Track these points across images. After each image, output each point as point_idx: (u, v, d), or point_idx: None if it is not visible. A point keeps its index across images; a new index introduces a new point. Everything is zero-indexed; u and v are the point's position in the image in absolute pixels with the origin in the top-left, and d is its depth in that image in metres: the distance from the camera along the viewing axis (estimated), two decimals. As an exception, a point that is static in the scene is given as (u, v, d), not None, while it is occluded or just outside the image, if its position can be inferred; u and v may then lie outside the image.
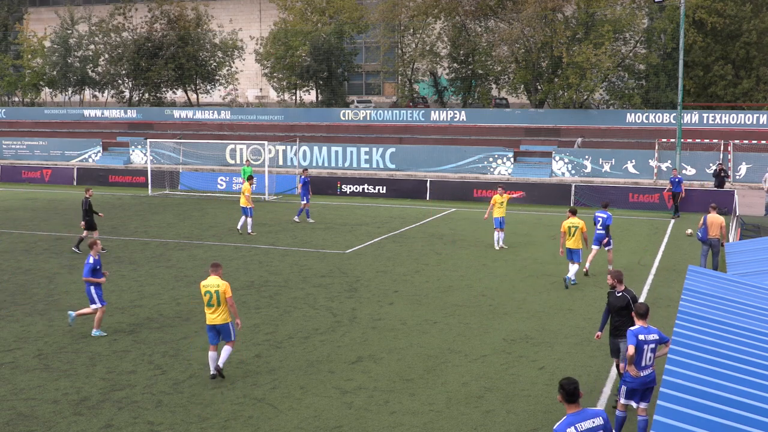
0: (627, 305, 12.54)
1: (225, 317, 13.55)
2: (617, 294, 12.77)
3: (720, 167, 38.94)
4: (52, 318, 17.49)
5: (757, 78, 53.21)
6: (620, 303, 12.67)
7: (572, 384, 8.10)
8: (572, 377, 8.29)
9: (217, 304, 13.48)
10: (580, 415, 8.04)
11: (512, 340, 15.91)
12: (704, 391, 9.74)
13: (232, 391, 13.10)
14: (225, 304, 13.51)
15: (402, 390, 13.21)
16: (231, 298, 13.51)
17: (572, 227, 20.87)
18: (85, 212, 25.40)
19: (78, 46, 69.60)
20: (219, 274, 13.82)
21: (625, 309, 12.57)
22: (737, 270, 19.33)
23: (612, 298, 12.83)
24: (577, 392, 8.08)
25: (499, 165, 47.52)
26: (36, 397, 12.83)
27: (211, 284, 13.58)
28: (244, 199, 28.59)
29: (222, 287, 13.48)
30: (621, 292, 12.76)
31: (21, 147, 58.33)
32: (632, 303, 12.36)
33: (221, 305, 13.49)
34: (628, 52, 54.96)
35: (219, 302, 13.47)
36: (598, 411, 8.22)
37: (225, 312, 13.55)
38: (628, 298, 12.62)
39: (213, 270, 13.85)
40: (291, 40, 62.62)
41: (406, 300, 19.20)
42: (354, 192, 41.32)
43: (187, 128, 59.01)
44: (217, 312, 13.52)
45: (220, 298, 13.46)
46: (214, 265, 13.96)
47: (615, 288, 12.84)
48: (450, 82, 62.84)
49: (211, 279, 13.68)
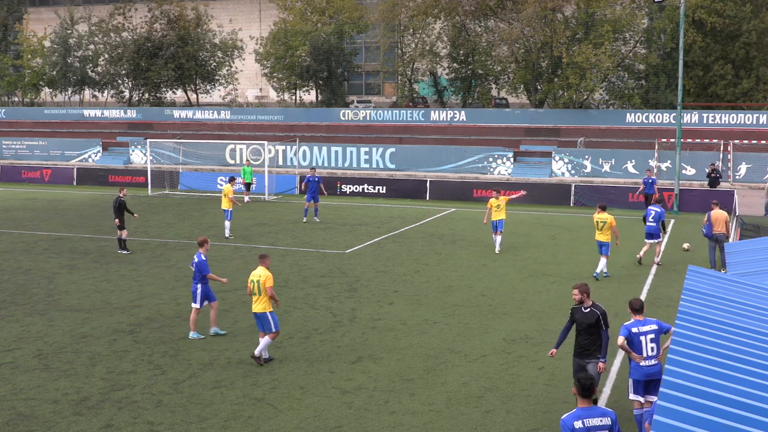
0: (597, 322, 11.52)
1: (264, 306, 14.21)
2: (584, 310, 11.68)
3: (712, 167, 38.95)
4: (52, 318, 17.49)
5: (757, 78, 53.21)
6: (589, 320, 11.62)
7: (589, 379, 8.30)
8: (590, 373, 8.41)
9: (258, 293, 14.22)
10: (589, 411, 8.16)
11: (512, 340, 15.92)
12: (704, 390, 9.74)
13: (232, 391, 13.10)
14: (265, 293, 14.12)
15: (402, 390, 13.21)
16: (270, 288, 14.16)
17: (600, 222, 21.73)
18: (116, 210, 25.19)
19: (78, 46, 69.59)
20: (266, 265, 14.54)
21: (595, 326, 11.54)
22: (737, 270, 19.31)
23: (579, 315, 11.75)
24: (592, 388, 8.26)
25: (498, 165, 47.51)
26: (36, 397, 12.83)
27: (256, 274, 14.32)
28: (226, 201, 27.85)
29: (263, 277, 14.19)
30: (589, 307, 11.68)
31: (21, 147, 58.31)
32: (603, 319, 11.52)
33: (262, 294, 14.20)
34: (627, 52, 54.96)
35: (260, 291, 14.20)
36: (609, 411, 8.29)
37: (264, 301, 14.21)
38: (598, 313, 11.59)
39: (261, 261, 14.61)
40: (291, 40, 62.62)
41: (406, 300, 19.20)
42: (354, 192, 41.33)
43: (186, 128, 59.00)
44: (258, 301, 14.25)
45: (261, 287, 14.15)
46: (261, 256, 14.76)
47: (582, 303, 11.74)
48: (450, 82, 62.83)
49: (257, 270, 14.42)
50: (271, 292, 14.16)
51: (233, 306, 18.55)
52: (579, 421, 8.06)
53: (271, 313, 14.27)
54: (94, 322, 17.13)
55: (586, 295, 11.73)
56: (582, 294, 11.73)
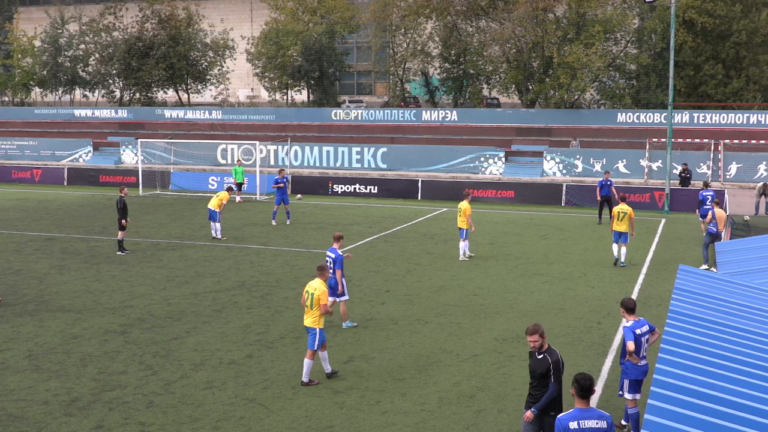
0: (547, 372, 9.74)
1: (313, 321, 13.43)
2: (538, 356, 9.86)
3: (684, 167, 39.09)
4: (43, 318, 17.43)
5: (747, 78, 53.44)
6: (540, 368, 9.79)
7: (588, 380, 8.24)
8: (588, 374, 8.36)
9: (310, 307, 13.49)
10: (586, 413, 8.13)
11: (504, 340, 15.93)
12: (695, 389, 9.78)
13: (224, 392, 13.07)
14: (318, 308, 13.42)
15: (393, 390, 13.21)
16: (324, 306, 13.40)
17: (621, 212, 22.70)
18: (120, 211, 25.05)
19: (68, 46, 69.39)
20: (324, 278, 13.91)
21: (545, 377, 9.77)
22: (728, 269, 19.40)
23: (532, 361, 9.97)
24: (591, 389, 8.21)
25: (490, 165, 47.56)
26: (26, 398, 12.78)
27: (311, 286, 13.66)
28: (217, 201, 27.37)
29: (318, 291, 13.47)
30: (543, 353, 9.83)
31: (11, 147, 58.07)
32: (553, 370, 9.70)
33: (313, 308, 13.44)
34: (618, 52, 55.12)
35: (312, 305, 13.46)
36: (606, 414, 8.26)
37: (315, 316, 13.43)
38: (549, 362, 9.72)
39: (319, 273, 13.97)
40: (282, 40, 62.56)
41: (397, 300, 19.20)
42: (345, 192, 41.31)
43: (178, 128, 58.86)
44: (309, 314, 13.53)
45: (314, 301, 13.44)
46: (319, 268, 14.09)
47: (542, 347, 9.84)
48: (441, 81, 62.89)
49: (314, 281, 13.75)
50: (324, 309, 13.35)
51: (225, 306, 18.52)
52: (575, 422, 8.04)
53: (320, 330, 13.41)
54: (84, 323, 17.07)
55: (543, 338, 9.82)
56: (541, 338, 9.78)
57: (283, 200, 31.29)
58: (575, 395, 8.25)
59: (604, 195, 31.89)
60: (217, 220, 27.56)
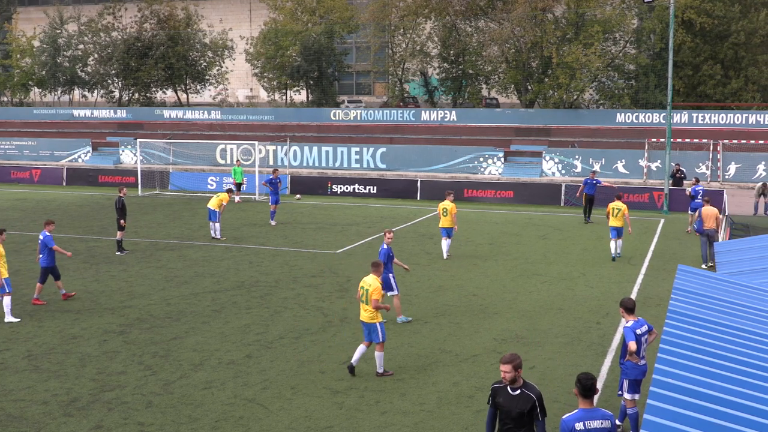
0: (531, 410, 8.40)
1: (372, 316, 13.68)
2: (513, 392, 8.48)
3: (677, 168, 39.14)
4: (42, 319, 17.42)
5: (745, 78, 53.48)
6: (520, 406, 8.41)
7: (590, 380, 8.19)
8: (590, 373, 8.33)
9: (366, 303, 13.73)
10: (591, 413, 8.11)
11: (503, 340, 15.94)
12: (694, 389, 9.78)
13: (223, 392, 13.07)
14: (372, 303, 13.68)
15: (393, 390, 13.21)
16: (376, 301, 13.59)
17: (615, 209, 24.01)
18: (119, 211, 25.06)
19: (67, 46, 69.35)
20: (377, 274, 14.09)
21: (527, 416, 8.39)
22: (727, 269, 19.42)
23: (505, 398, 8.52)
24: (593, 388, 8.17)
25: (489, 165, 47.58)
26: (25, 399, 12.78)
27: (366, 282, 13.88)
28: (217, 201, 27.39)
29: (372, 287, 13.69)
30: (519, 388, 8.48)
31: (10, 147, 58.06)
32: (540, 405, 8.42)
33: (369, 304, 13.69)
34: (617, 52, 55.12)
35: (368, 301, 13.70)
36: (610, 414, 8.25)
37: (372, 311, 13.68)
38: (533, 398, 8.42)
39: (373, 269, 14.16)
40: (281, 40, 62.53)
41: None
42: (345, 192, 41.31)
43: (177, 128, 58.85)
44: (366, 309, 13.75)
45: (369, 297, 13.68)
46: (374, 264, 14.29)
47: (515, 381, 8.47)
48: (440, 82, 62.88)
49: (368, 277, 13.98)
50: (375, 305, 13.53)
51: (224, 306, 18.51)
52: (580, 423, 8.01)
53: (380, 323, 13.70)
54: (83, 323, 17.07)
55: (518, 370, 8.47)
56: (515, 370, 8.44)
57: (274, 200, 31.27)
58: (578, 395, 8.23)
59: (588, 194, 31.96)
60: (216, 220, 27.54)
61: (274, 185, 31.47)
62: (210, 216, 27.67)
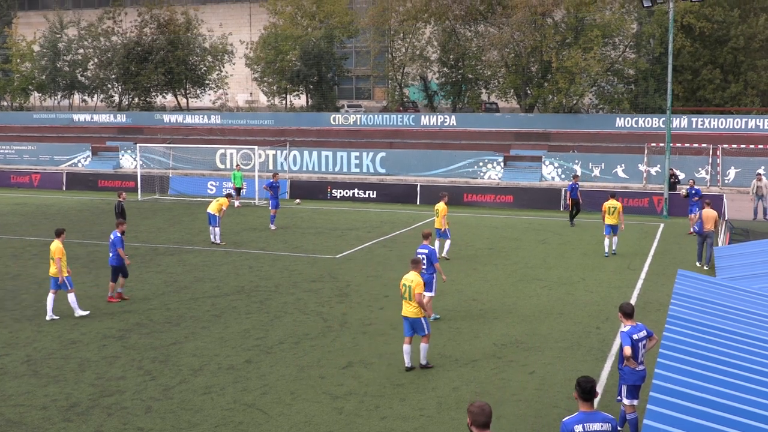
0: None
1: (416, 311, 14.05)
2: None
3: (671, 173, 39.17)
4: (41, 323, 17.41)
5: (745, 82, 53.58)
6: None
7: (589, 383, 8.19)
8: (590, 377, 8.32)
9: (409, 298, 14.09)
10: (591, 416, 8.09)
11: (503, 345, 15.92)
12: (694, 394, 9.77)
13: (222, 397, 13.06)
14: (415, 299, 14.02)
15: (392, 395, 13.19)
16: (419, 296, 13.99)
17: (611, 207, 25.23)
18: (119, 215, 25.07)
19: (67, 51, 69.44)
20: (418, 270, 14.47)
21: None
22: (726, 274, 19.41)
23: None
24: (593, 391, 8.16)
25: (489, 169, 47.58)
26: (24, 404, 12.76)
27: (408, 279, 14.21)
28: (217, 206, 27.29)
29: (415, 283, 14.01)
30: None
31: (10, 151, 58.06)
32: None
33: (413, 299, 14.03)
34: (617, 56, 55.20)
35: (410, 297, 14.06)
36: (610, 417, 8.23)
37: (415, 306, 14.05)
38: None
39: (413, 266, 14.50)
40: (281, 45, 62.62)
41: (396, 305, 19.10)
42: (344, 196, 41.30)
43: (177, 133, 58.87)
44: (409, 305, 14.11)
45: (412, 293, 14.00)
46: (414, 261, 14.69)
47: None
48: (440, 86, 62.97)
49: (410, 274, 14.32)
50: (419, 299, 13.96)
51: (223, 311, 18.50)
52: (580, 426, 8.00)
53: (424, 317, 14.15)
54: (83, 328, 17.06)
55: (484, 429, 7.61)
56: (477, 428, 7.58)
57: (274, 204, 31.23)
58: (578, 398, 8.22)
59: (574, 198, 32.32)
60: (216, 224, 27.53)
61: (274, 189, 31.46)
62: (210, 220, 27.65)
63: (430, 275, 17.13)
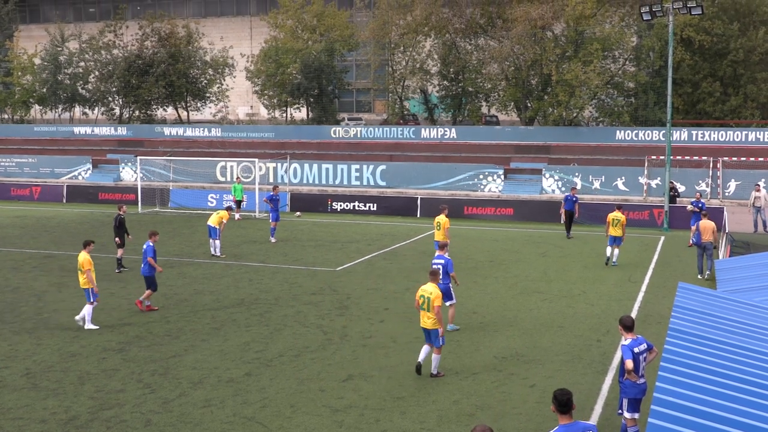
0: None
1: (434, 322, 14.33)
2: None
3: (671, 186, 39.21)
4: (41, 336, 17.37)
5: (744, 95, 53.66)
6: None
7: (565, 395, 8.14)
8: (566, 388, 8.29)
9: (428, 310, 14.41)
10: (571, 427, 8.06)
11: (503, 358, 15.89)
12: (695, 408, 9.74)
13: (222, 410, 13.01)
14: (434, 311, 14.29)
15: (393, 408, 13.15)
16: (438, 308, 14.25)
17: (615, 219, 25.58)
18: (117, 228, 25.07)
19: (68, 63, 69.57)
20: (436, 281, 14.83)
21: None
22: (727, 287, 19.38)
23: None
24: (570, 403, 8.11)
25: (489, 182, 47.62)
26: (24, 417, 12.72)
27: (426, 290, 14.54)
28: (217, 219, 27.45)
29: (434, 295, 14.33)
30: None
31: (10, 164, 58.14)
32: None
33: (431, 311, 14.33)
34: (617, 69, 55.30)
35: (429, 308, 14.36)
36: (590, 425, 8.23)
37: (433, 318, 14.32)
38: None
39: (431, 278, 14.88)
40: (282, 58, 62.75)
41: (396, 317, 19.15)
42: (344, 209, 41.30)
43: (177, 145, 58.95)
44: (427, 316, 14.42)
45: (431, 305, 14.29)
46: (432, 272, 15.17)
47: None
48: (440, 99, 63.07)
49: (427, 285, 14.65)
50: (437, 311, 14.20)
51: (223, 324, 18.47)
52: None
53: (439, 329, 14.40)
54: (83, 341, 17.03)
55: None
56: None
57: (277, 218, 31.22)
58: (556, 411, 8.19)
59: (568, 210, 32.24)
60: (217, 237, 27.52)
61: (274, 202, 31.46)
62: (210, 233, 27.65)
63: (446, 285, 17.36)
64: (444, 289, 16.64)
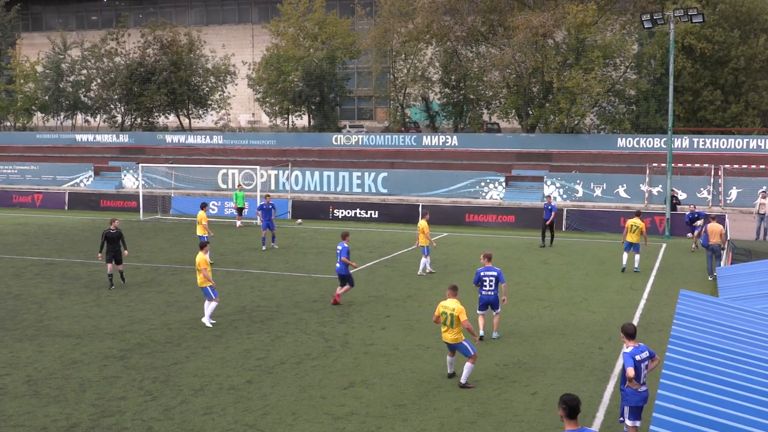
0: None
1: (456, 337, 14.43)
2: None
3: (672, 193, 39.23)
4: (42, 344, 17.37)
5: (746, 103, 53.69)
6: None
7: (574, 400, 8.17)
8: (574, 394, 8.28)
9: (451, 325, 14.44)
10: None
11: (505, 365, 15.87)
12: (696, 415, 9.72)
13: (224, 417, 13.00)
14: (459, 325, 14.38)
15: (394, 416, 13.13)
16: (466, 322, 14.34)
17: (633, 225, 25.75)
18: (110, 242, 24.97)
19: (70, 71, 69.73)
20: (456, 297, 14.73)
21: None
22: (729, 294, 19.36)
23: None
24: (578, 409, 8.15)
25: (490, 189, 47.63)
26: (25, 424, 12.71)
27: (448, 306, 14.54)
28: (201, 228, 27.72)
29: (457, 311, 14.35)
30: None
31: (12, 171, 58.21)
32: None
33: (455, 326, 14.40)
34: (618, 77, 55.35)
35: (452, 324, 14.40)
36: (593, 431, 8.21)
37: (457, 332, 14.41)
38: None
39: (451, 293, 14.81)
40: (283, 66, 62.88)
41: (398, 325, 19.14)
42: (346, 216, 41.32)
43: (179, 153, 59.00)
44: (450, 332, 14.48)
45: (455, 320, 14.34)
46: (452, 287, 14.95)
47: None
48: (442, 107, 63.13)
49: (449, 301, 14.64)
50: (467, 325, 14.27)
51: (225, 331, 18.46)
52: None
53: (465, 341, 14.49)
54: (84, 348, 17.02)
55: None
56: None
57: (269, 226, 31.18)
58: (564, 417, 8.20)
59: (545, 218, 32.02)
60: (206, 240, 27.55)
61: (264, 212, 31.36)
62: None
63: (496, 295, 17.69)
64: (493, 300, 17.63)
